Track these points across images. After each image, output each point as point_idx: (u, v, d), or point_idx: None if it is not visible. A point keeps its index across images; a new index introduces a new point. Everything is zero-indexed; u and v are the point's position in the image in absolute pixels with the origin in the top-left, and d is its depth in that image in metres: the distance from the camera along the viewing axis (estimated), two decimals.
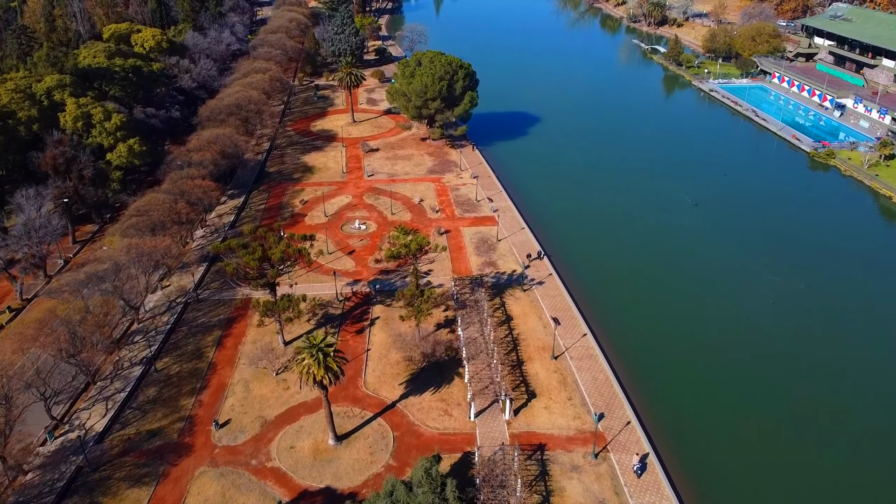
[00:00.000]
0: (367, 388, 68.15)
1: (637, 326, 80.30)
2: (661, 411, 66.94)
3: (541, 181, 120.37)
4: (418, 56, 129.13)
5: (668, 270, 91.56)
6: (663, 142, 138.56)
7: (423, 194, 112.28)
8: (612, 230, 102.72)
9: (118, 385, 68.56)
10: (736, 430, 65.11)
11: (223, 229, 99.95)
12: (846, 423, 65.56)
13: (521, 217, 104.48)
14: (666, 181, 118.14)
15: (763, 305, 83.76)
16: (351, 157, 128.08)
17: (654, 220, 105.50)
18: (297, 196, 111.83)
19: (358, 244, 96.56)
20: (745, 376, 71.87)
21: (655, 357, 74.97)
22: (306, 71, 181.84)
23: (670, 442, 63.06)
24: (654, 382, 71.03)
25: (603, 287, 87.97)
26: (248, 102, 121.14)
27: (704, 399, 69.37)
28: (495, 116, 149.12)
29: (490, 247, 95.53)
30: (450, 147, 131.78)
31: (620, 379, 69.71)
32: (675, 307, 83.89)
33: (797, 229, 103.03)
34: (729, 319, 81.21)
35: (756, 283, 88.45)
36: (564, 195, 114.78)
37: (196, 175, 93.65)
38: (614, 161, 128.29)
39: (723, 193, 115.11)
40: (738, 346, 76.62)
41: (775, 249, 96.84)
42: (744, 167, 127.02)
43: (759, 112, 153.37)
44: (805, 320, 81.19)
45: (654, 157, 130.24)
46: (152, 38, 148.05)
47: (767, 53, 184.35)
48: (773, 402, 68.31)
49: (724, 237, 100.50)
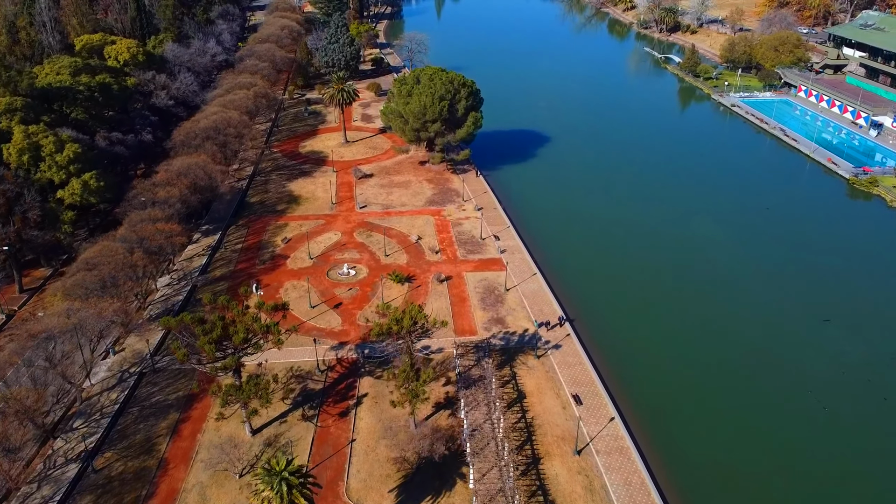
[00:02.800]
0: (350, 496, 55.70)
1: (676, 407, 67.83)
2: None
3: (552, 213, 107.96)
4: (416, 73, 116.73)
5: (706, 331, 78.94)
6: (687, 167, 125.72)
7: (422, 230, 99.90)
8: (639, 278, 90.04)
9: (46, 492, 56.16)
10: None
11: (192, 275, 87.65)
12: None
13: (532, 259, 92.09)
14: (696, 217, 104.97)
15: (825, 364, 71.37)
16: (342, 184, 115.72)
17: (685, 265, 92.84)
18: (280, 233, 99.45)
19: (346, 294, 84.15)
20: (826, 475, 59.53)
21: (700, 452, 62.52)
22: (297, 83, 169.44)
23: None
24: (700, 487, 58.62)
25: (631, 353, 75.39)
26: (226, 125, 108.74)
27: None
28: (499, 135, 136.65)
29: (497, 298, 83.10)
30: (451, 172, 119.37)
31: (659, 483, 57.28)
32: (721, 380, 71.39)
33: (838, 269, 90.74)
34: (795, 395, 68.60)
35: (811, 336, 76.25)
36: (580, 232, 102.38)
37: (159, 216, 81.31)
38: (632, 189, 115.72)
39: (755, 225, 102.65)
40: (819, 436, 64.27)
41: (818, 290, 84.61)
42: (775, 195, 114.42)
43: (787, 131, 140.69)
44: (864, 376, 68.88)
45: (677, 184, 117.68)
46: (127, 51, 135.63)
47: (791, 64, 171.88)
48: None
49: (765, 282, 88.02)
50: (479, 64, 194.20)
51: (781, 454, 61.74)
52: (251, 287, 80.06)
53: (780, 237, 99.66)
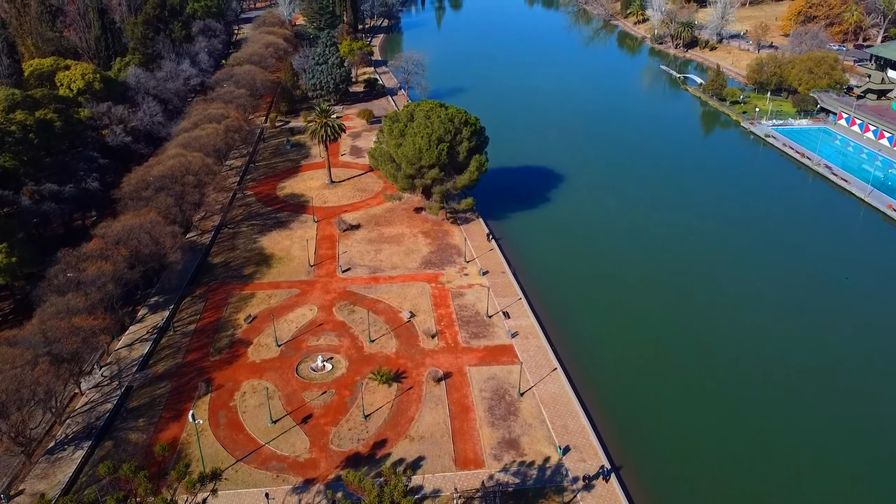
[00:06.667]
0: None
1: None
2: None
3: (571, 278, 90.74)
4: (410, 108, 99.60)
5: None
6: (731, 219, 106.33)
7: (416, 303, 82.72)
8: (688, 372, 72.92)
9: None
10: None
11: (129, 369, 70.48)
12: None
13: (550, 345, 74.88)
14: (758, 295, 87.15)
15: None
16: (323, 238, 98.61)
17: (761, 358, 75.68)
18: (244, 307, 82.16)
19: (318, 400, 66.83)
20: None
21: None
22: (281, 109, 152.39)
23: None
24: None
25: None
26: (185, 172, 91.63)
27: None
28: (506, 173, 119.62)
29: (509, 407, 65.80)
30: (451, 223, 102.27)
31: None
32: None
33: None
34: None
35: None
36: (606, 303, 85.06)
37: (80, 306, 64.04)
38: (665, 245, 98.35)
39: (830, 300, 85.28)
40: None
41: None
42: (829, 251, 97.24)
43: (834, 168, 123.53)
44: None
45: (724, 241, 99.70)
46: (82, 78, 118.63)
47: (828, 88, 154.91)
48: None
49: (846, 384, 70.76)
50: (481, 85, 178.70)
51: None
52: (193, 405, 62.89)
53: (863, 316, 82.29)
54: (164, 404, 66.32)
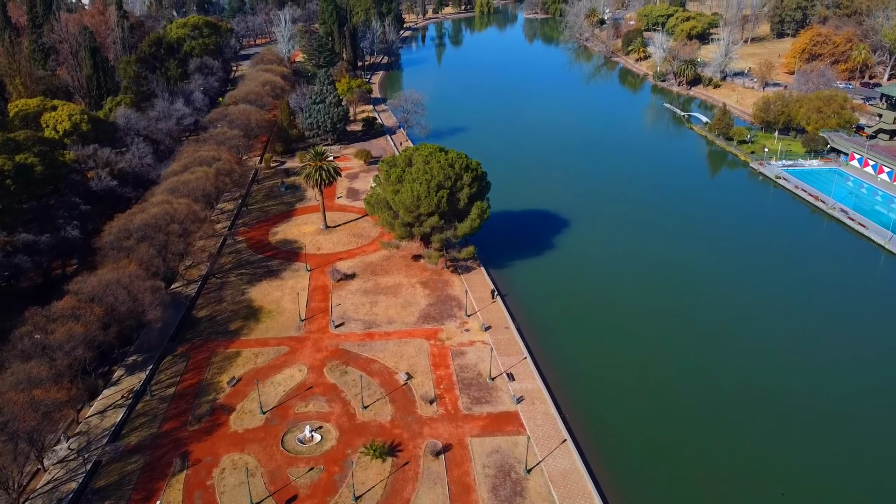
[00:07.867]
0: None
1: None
2: None
3: (579, 331, 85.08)
4: (409, 153, 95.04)
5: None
6: (748, 265, 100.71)
7: (413, 363, 76.86)
8: (718, 444, 66.75)
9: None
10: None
11: (100, 441, 64.38)
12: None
13: (559, 413, 68.81)
14: (786, 341, 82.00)
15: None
16: (315, 289, 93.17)
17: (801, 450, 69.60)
18: (228, 367, 76.33)
19: (304, 478, 60.61)
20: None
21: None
22: (276, 149, 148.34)
23: None
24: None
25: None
26: (169, 221, 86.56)
27: None
28: (508, 217, 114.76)
29: (515, 486, 59.55)
30: (451, 272, 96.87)
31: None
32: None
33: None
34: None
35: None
36: (620, 360, 79.13)
37: (45, 374, 58.34)
38: (682, 290, 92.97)
39: (841, 348, 79.46)
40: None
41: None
42: (849, 303, 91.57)
43: (851, 213, 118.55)
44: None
45: (744, 288, 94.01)
46: (68, 119, 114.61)
47: (838, 127, 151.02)
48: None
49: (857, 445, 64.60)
50: (482, 122, 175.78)
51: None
52: (166, 484, 56.63)
53: (862, 374, 76.49)
54: (134, 483, 60.13)
